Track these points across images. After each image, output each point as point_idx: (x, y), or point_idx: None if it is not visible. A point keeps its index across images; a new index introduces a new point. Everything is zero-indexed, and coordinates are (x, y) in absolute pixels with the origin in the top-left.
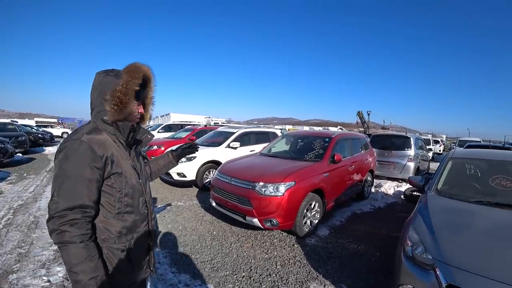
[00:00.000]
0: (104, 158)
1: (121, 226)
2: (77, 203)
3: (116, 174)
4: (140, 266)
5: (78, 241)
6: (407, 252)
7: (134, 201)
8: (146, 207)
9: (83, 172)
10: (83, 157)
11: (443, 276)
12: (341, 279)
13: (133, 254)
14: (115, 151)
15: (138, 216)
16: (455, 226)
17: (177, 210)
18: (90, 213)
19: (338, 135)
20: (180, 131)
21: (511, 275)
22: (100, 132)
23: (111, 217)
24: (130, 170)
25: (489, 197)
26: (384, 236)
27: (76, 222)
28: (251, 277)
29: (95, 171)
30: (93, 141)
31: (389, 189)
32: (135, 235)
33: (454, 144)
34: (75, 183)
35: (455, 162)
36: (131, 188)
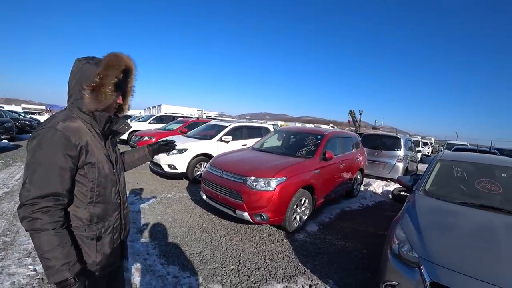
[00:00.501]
0: (78, 147)
1: (91, 215)
2: (50, 191)
3: (90, 164)
4: (111, 254)
5: (50, 228)
6: (393, 250)
7: (107, 190)
8: (119, 196)
9: (57, 160)
10: (57, 145)
11: (427, 273)
12: (328, 274)
13: (103, 242)
14: (90, 140)
15: (109, 206)
16: (441, 226)
17: (167, 202)
18: (63, 201)
19: (330, 133)
20: (172, 123)
21: (491, 274)
22: (75, 120)
23: (82, 205)
24: (103, 160)
25: (474, 199)
26: (372, 234)
27: (48, 210)
28: (240, 270)
29: (68, 159)
30: (68, 129)
31: (377, 188)
32: (106, 224)
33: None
34: (48, 171)
35: (443, 164)
36: (104, 178)
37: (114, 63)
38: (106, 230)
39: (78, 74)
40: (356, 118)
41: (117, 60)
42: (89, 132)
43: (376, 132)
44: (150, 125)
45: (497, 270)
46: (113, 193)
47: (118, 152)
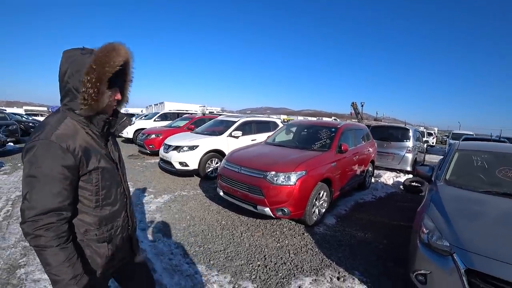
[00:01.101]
0: (78, 156)
1: (99, 218)
2: (51, 207)
3: (92, 169)
4: (121, 252)
5: (54, 244)
6: (423, 239)
7: (112, 192)
8: (125, 195)
9: (55, 174)
10: (53, 158)
11: (461, 261)
12: (353, 266)
13: (114, 243)
14: (88, 144)
15: (116, 207)
16: (467, 214)
17: (182, 200)
18: (66, 215)
19: (344, 125)
20: (178, 120)
21: None
22: (70, 125)
23: (90, 210)
24: (106, 162)
25: (496, 187)
26: (388, 225)
27: (51, 226)
28: (267, 266)
29: (67, 171)
30: (63, 138)
31: (388, 180)
32: (114, 225)
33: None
34: (47, 185)
35: (461, 154)
36: (108, 181)
37: (109, 58)
38: (116, 231)
39: (69, 70)
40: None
41: (113, 54)
42: (87, 135)
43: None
44: (155, 123)
45: None
46: (118, 194)
47: (119, 150)
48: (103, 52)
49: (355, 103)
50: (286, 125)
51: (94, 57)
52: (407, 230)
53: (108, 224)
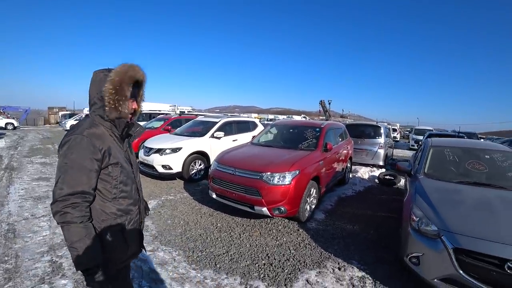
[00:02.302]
0: (102, 151)
1: (117, 209)
2: (78, 189)
3: (113, 164)
4: (134, 243)
5: (78, 221)
6: (413, 226)
7: (128, 187)
8: (138, 192)
9: (84, 163)
10: (85, 150)
11: (449, 241)
12: (350, 256)
13: (128, 233)
14: (112, 144)
15: (131, 200)
16: (449, 202)
17: (170, 205)
18: (89, 198)
19: (327, 124)
20: (152, 120)
21: (501, 236)
22: (98, 127)
23: (108, 201)
24: (124, 160)
25: (467, 178)
26: (372, 216)
27: (77, 205)
28: (272, 264)
29: (94, 162)
30: (93, 135)
31: (364, 174)
32: (129, 217)
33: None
34: (77, 172)
35: (435, 150)
36: (125, 176)
37: (129, 76)
38: (130, 222)
39: (98, 85)
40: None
41: (133, 72)
42: (110, 136)
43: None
44: None
45: (503, 232)
46: (133, 190)
47: (134, 153)
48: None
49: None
50: (272, 126)
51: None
52: (389, 220)
53: (123, 216)
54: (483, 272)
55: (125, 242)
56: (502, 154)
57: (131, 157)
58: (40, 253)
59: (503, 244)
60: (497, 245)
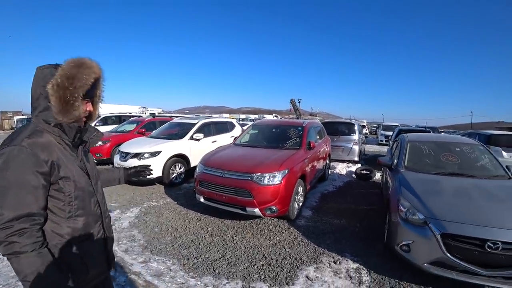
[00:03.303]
0: (49, 163)
1: (72, 229)
2: (23, 212)
3: (64, 178)
4: (96, 266)
5: (29, 250)
6: (402, 216)
7: (85, 203)
8: (99, 206)
9: (27, 179)
10: (25, 163)
11: (436, 228)
12: (342, 250)
13: (87, 255)
14: (61, 153)
15: (90, 217)
16: (431, 192)
17: (154, 212)
18: (39, 220)
19: (308, 123)
20: (125, 123)
21: (479, 219)
22: (42, 134)
23: (62, 221)
24: (78, 172)
25: (443, 169)
26: (355, 210)
27: (25, 232)
28: (270, 264)
29: (39, 177)
30: (35, 145)
31: (342, 170)
32: (88, 236)
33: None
34: (19, 191)
35: (412, 145)
36: (81, 191)
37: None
38: (90, 243)
39: (42, 82)
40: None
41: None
42: (59, 144)
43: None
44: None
45: (482, 216)
46: (92, 204)
47: (92, 161)
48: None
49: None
50: (253, 126)
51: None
52: (371, 212)
53: (82, 236)
54: (467, 253)
55: (85, 266)
56: (469, 146)
57: (87, 167)
58: (14, 277)
59: (483, 227)
60: (478, 228)
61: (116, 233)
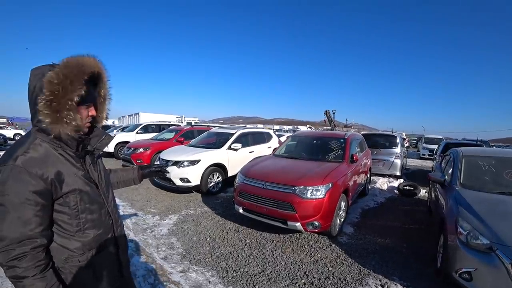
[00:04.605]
0: (48, 180)
1: (83, 243)
2: (23, 236)
3: (69, 192)
4: (109, 277)
5: (30, 275)
6: (461, 240)
7: (95, 215)
8: (110, 217)
9: (24, 201)
10: (20, 184)
11: (505, 256)
12: (389, 272)
13: (99, 268)
14: (62, 167)
15: (101, 229)
16: (496, 214)
17: (192, 220)
18: (41, 242)
19: (351, 135)
20: (164, 131)
21: None
22: (40, 148)
23: (71, 235)
24: (84, 184)
25: (508, 188)
26: (401, 228)
27: (25, 255)
28: (313, 283)
29: (37, 197)
30: (31, 163)
31: (383, 185)
32: (100, 249)
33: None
34: (16, 213)
35: (468, 160)
36: (88, 203)
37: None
38: (102, 255)
39: (35, 88)
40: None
41: (85, 67)
42: (60, 157)
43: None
44: (138, 135)
45: None
46: (103, 216)
47: (101, 169)
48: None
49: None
50: (293, 137)
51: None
52: (419, 232)
53: (93, 249)
54: None
55: (96, 279)
56: None
57: (95, 176)
58: None
59: None
60: None
61: (155, 239)
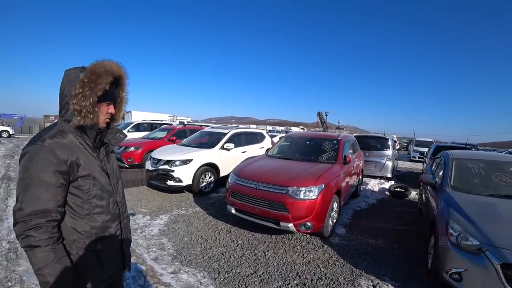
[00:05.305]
0: (68, 162)
1: (91, 227)
2: (40, 208)
3: (83, 177)
4: (111, 265)
5: (43, 244)
6: (452, 241)
7: (104, 201)
8: (118, 207)
9: (46, 178)
10: (45, 162)
11: (494, 257)
12: (381, 273)
13: (104, 254)
14: (81, 154)
15: (109, 216)
16: (487, 215)
17: (184, 220)
18: (56, 217)
19: (344, 137)
20: (156, 130)
21: None
22: (65, 135)
23: (80, 218)
24: (98, 172)
25: (497, 191)
26: (392, 230)
27: (41, 226)
28: (305, 284)
29: (58, 176)
30: (56, 145)
31: (374, 187)
32: (106, 235)
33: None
34: (37, 188)
35: (458, 162)
36: (100, 190)
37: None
38: (107, 241)
39: (66, 86)
40: (324, 119)
41: (102, 71)
42: (80, 145)
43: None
44: (129, 134)
45: None
46: (111, 204)
47: (114, 162)
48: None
49: (321, 112)
50: (286, 138)
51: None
52: (409, 234)
53: (99, 234)
54: None
55: (101, 264)
56: None
57: (108, 167)
58: None
59: None
60: None
61: (146, 240)
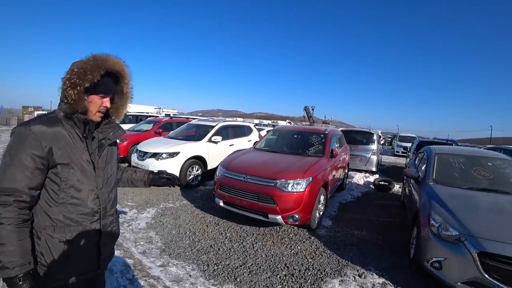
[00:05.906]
0: (47, 148)
1: (64, 216)
2: (11, 187)
3: (62, 164)
4: (80, 261)
5: (6, 222)
6: (433, 231)
7: (82, 194)
8: (99, 202)
9: (22, 159)
10: (25, 144)
11: (472, 246)
12: (366, 263)
13: (73, 247)
14: (64, 142)
15: (85, 210)
16: (466, 207)
17: (171, 213)
18: (25, 199)
19: (331, 131)
20: (142, 123)
21: None
22: (55, 123)
23: (55, 205)
24: (81, 163)
25: (475, 184)
26: (376, 222)
27: (8, 204)
28: (293, 275)
29: (35, 159)
30: (40, 130)
31: (359, 180)
32: (79, 229)
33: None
34: (12, 167)
35: (440, 157)
36: (79, 181)
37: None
38: (79, 235)
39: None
40: (310, 114)
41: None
42: (66, 134)
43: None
44: None
45: None
46: (90, 198)
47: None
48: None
49: (308, 107)
50: (274, 131)
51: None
52: (393, 225)
53: (71, 226)
54: (507, 274)
55: (67, 257)
56: (502, 162)
57: (96, 161)
58: None
59: None
60: None
61: (133, 233)
